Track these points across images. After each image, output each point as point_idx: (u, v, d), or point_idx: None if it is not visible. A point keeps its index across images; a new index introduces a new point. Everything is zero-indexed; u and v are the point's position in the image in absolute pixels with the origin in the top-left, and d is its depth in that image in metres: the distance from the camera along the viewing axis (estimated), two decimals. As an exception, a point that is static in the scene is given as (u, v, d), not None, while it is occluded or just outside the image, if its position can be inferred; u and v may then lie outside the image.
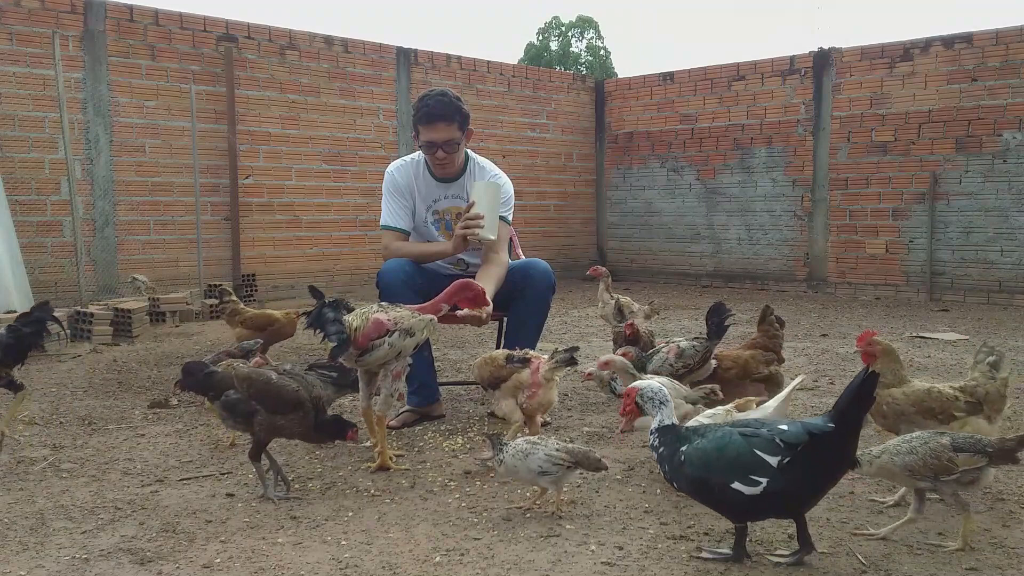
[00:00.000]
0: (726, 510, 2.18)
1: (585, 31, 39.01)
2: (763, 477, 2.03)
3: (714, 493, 2.11)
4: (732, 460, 2.07)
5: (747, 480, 2.04)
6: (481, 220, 3.54)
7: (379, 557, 2.26)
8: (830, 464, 2.07)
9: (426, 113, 3.71)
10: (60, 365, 5.17)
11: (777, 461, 2.03)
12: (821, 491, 2.14)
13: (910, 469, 2.22)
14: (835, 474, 2.10)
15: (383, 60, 9.49)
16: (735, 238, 10.48)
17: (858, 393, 2.02)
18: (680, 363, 3.17)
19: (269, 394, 2.66)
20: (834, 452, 2.05)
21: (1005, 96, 8.34)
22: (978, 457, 2.18)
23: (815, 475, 2.07)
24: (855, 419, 2.03)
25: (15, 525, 2.50)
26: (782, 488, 2.03)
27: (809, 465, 2.03)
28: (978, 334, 6.42)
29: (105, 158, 7.57)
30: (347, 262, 9.25)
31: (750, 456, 2.05)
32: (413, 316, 3.10)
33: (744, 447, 2.07)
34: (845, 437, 2.04)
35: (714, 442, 2.12)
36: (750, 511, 2.14)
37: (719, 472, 2.08)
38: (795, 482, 2.04)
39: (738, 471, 2.05)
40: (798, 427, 2.07)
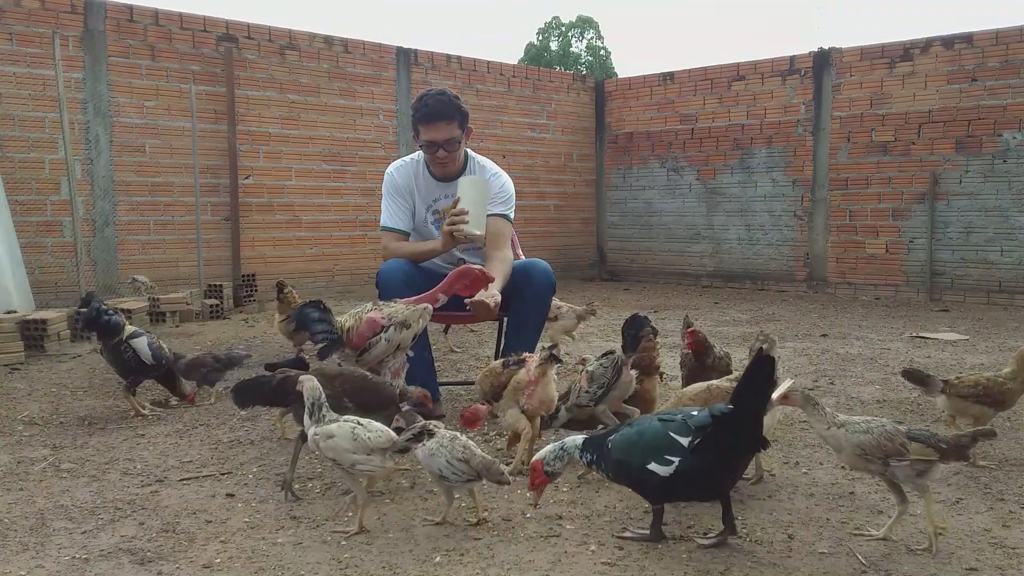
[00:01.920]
0: (645, 490, 2.31)
1: (585, 31, 39.03)
2: (675, 457, 2.18)
3: (633, 474, 2.26)
4: (649, 442, 2.24)
5: (661, 460, 2.19)
6: (466, 216, 3.49)
7: (379, 557, 2.26)
8: (736, 444, 2.21)
9: (426, 112, 3.71)
10: (60, 365, 5.17)
11: (688, 442, 2.18)
12: (731, 471, 2.28)
13: (862, 447, 2.26)
14: (742, 454, 2.26)
15: (383, 60, 9.49)
16: (735, 238, 10.48)
17: (752, 377, 2.15)
18: (595, 386, 2.96)
19: (367, 390, 2.68)
20: (738, 433, 2.18)
21: (1005, 96, 8.34)
22: (931, 451, 2.24)
23: (723, 455, 2.20)
24: (751, 401, 2.16)
25: (15, 525, 2.50)
26: (693, 467, 2.17)
27: (716, 445, 2.17)
28: (978, 334, 6.42)
29: (105, 158, 7.57)
30: (347, 262, 9.25)
31: (665, 438, 2.21)
32: (407, 308, 3.10)
33: (660, 430, 2.24)
34: (746, 418, 2.17)
35: (636, 428, 2.32)
36: (666, 491, 2.25)
37: (637, 454, 2.24)
38: (705, 462, 2.18)
39: (653, 452, 2.21)
40: (705, 411, 2.23)
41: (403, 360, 3.14)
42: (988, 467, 3.05)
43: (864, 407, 4.03)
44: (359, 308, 3.15)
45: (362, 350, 3.06)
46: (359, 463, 2.39)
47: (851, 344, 5.97)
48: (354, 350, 3.08)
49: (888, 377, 4.78)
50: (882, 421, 2.31)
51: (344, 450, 2.38)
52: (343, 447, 2.38)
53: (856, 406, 4.05)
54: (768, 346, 2.84)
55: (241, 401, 2.78)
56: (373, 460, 2.39)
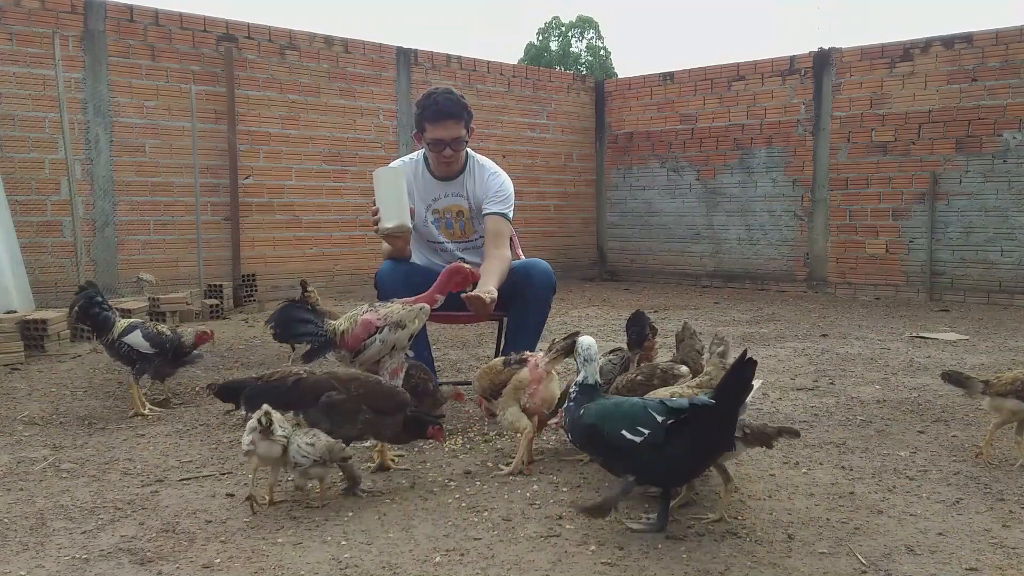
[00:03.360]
0: (613, 457, 2.38)
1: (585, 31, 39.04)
2: (647, 429, 2.26)
3: (604, 439, 2.34)
4: (625, 412, 2.33)
5: (634, 430, 2.28)
6: (377, 212, 3.52)
7: (379, 557, 2.26)
8: (706, 437, 2.28)
9: (436, 111, 3.71)
10: (60, 365, 5.17)
11: (663, 419, 2.26)
12: (694, 462, 2.35)
13: None
14: (710, 448, 2.32)
15: (383, 60, 9.49)
16: (735, 238, 10.48)
17: (735, 376, 2.22)
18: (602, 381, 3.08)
19: (381, 395, 2.71)
20: (711, 426, 2.25)
21: (1005, 96, 8.34)
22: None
23: (693, 441, 2.27)
24: (731, 399, 2.24)
25: (15, 525, 2.50)
26: (663, 443, 2.24)
27: (689, 430, 2.25)
28: (978, 334, 6.42)
29: (105, 158, 7.57)
30: (347, 262, 9.25)
31: (642, 411, 2.31)
32: (404, 308, 3.10)
33: (639, 404, 2.35)
34: (722, 414, 2.24)
35: (614, 400, 2.44)
36: (633, 461, 2.31)
37: (612, 421, 2.33)
38: (675, 442, 2.25)
39: (628, 421, 2.30)
40: (684, 400, 2.32)
41: (402, 360, 3.14)
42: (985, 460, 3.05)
43: (864, 407, 4.03)
44: (355, 310, 3.16)
45: (357, 351, 3.06)
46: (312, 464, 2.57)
47: (851, 344, 5.97)
48: (349, 351, 3.08)
49: (888, 377, 4.78)
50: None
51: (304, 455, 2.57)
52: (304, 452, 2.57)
53: (856, 406, 4.05)
54: (724, 348, 2.88)
55: (252, 405, 2.78)
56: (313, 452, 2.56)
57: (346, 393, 2.69)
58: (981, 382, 3.09)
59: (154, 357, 3.94)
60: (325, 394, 2.69)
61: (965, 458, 3.17)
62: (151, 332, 3.95)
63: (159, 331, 4.00)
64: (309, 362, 3.09)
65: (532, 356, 3.05)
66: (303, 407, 2.74)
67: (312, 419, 2.72)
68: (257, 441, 2.53)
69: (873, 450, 3.28)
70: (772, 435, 2.37)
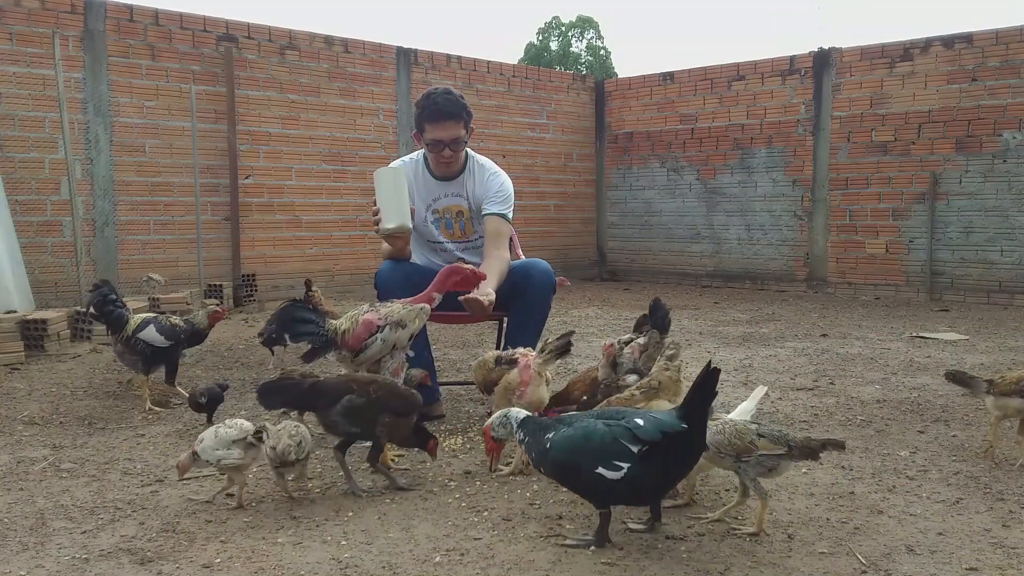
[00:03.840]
0: (590, 494, 2.30)
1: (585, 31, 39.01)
2: (625, 463, 2.18)
3: (580, 478, 2.25)
4: (597, 447, 2.22)
5: (611, 466, 2.19)
6: (378, 212, 3.51)
7: (379, 557, 2.26)
8: (680, 454, 2.24)
9: (435, 111, 3.71)
10: (60, 365, 5.17)
11: (638, 449, 2.18)
12: (672, 478, 2.31)
13: (716, 446, 2.34)
14: (685, 463, 2.28)
15: (383, 60, 9.49)
16: (735, 238, 10.48)
17: (701, 388, 2.18)
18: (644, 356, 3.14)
19: (397, 397, 2.74)
20: (684, 443, 2.21)
21: (1005, 96, 8.34)
22: (777, 446, 2.32)
23: (667, 463, 2.23)
24: (699, 412, 2.20)
25: (15, 525, 2.50)
26: (642, 474, 2.18)
27: (665, 454, 2.20)
28: (978, 334, 6.42)
29: (105, 158, 7.57)
30: (347, 262, 9.25)
31: (613, 443, 2.20)
32: (404, 308, 3.10)
33: (608, 435, 2.22)
34: (693, 431, 2.19)
35: (580, 430, 2.28)
36: (612, 495, 2.25)
37: (586, 457, 2.22)
38: (654, 469, 2.20)
39: (603, 457, 2.20)
40: (654, 426, 2.20)
41: (402, 359, 3.14)
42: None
43: (864, 407, 4.03)
44: (356, 310, 3.16)
45: (357, 351, 3.06)
46: (222, 458, 2.59)
47: (851, 344, 5.97)
48: (350, 351, 3.08)
49: (888, 377, 4.78)
50: (733, 421, 2.41)
51: (210, 448, 2.60)
52: (209, 446, 2.60)
53: (856, 406, 4.05)
54: (674, 352, 2.89)
55: (268, 403, 2.82)
56: (233, 453, 2.59)
57: (365, 397, 2.69)
58: (985, 381, 3.09)
59: (170, 350, 3.98)
60: (345, 397, 2.70)
61: (965, 458, 3.17)
62: (165, 325, 3.98)
63: (173, 323, 4.02)
64: (309, 362, 3.09)
65: (524, 356, 3.04)
66: (320, 408, 2.75)
67: (329, 420, 2.73)
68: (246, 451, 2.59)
69: (873, 450, 3.28)
70: (817, 448, 2.31)
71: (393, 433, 2.77)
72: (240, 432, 2.61)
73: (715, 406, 2.32)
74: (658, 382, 2.80)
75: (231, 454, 2.58)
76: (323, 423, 2.78)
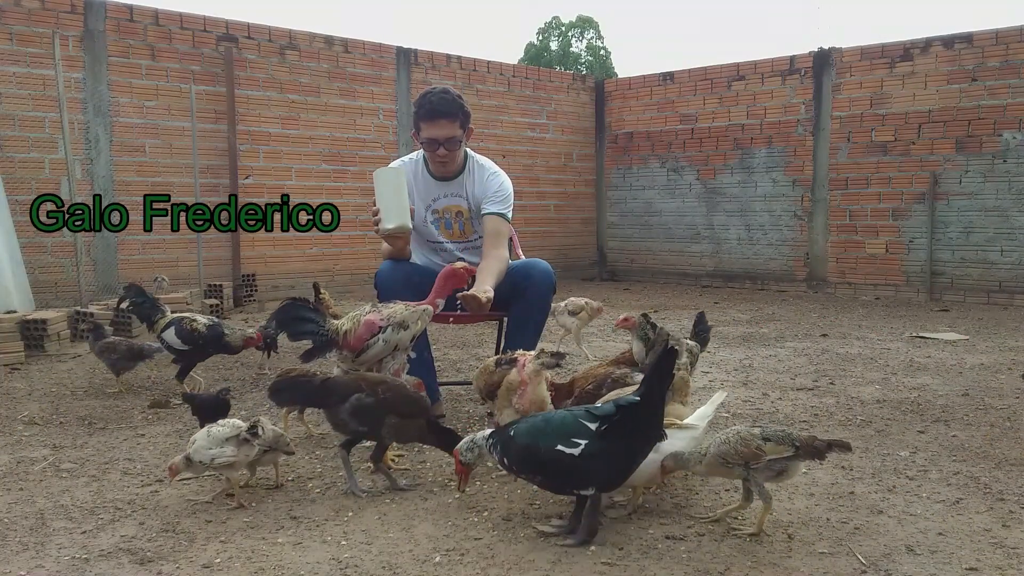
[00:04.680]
0: (551, 474, 2.33)
1: (585, 31, 39.01)
2: (583, 439, 2.25)
3: (540, 457, 2.30)
4: (556, 427, 2.30)
5: (570, 443, 2.26)
6: (378, 212, 3.51)
7: (379, 557, 2.26)
8: (639, 432, 2.29)
9: (429, 110, 3.71)
10: (60, 365, 5.17)
11: (596, 426, 2.26)
12: (632, 459, 2.32)
13: (723, 457, 2.35)
14: (644, 442, 2.32)
15: (383, 60, 9.49)
16: (735, 238, 10.48)
17: (658, 368, 2.26)
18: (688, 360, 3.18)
19: (405, 399, 2.74)
20: (641, 421, 2.27)
21: (1005, 96, 8.34)
22: (784, 448, 2.32)
23: (627, 441, 2.28)
24: (655, 390, 2.26)
25: (15, 525, 2.50)
26: (600, 450, 2.24)
27: (621, 432, 2.26)
28: (978, 334, 6.42)
29: (105, 158, 7.57)
30: (347, 262, 9.25)
31: (572, 422, 2.29)
32: (406, 309, 3.10)
33: (568, 416, 2.33)
34: (649, 408, 2.26)
35: (542, 417, 2.41)
36: (571, 475, 2.29)
37: (546, 437, 2.29)
38: (611, 447, 2.25)
39: (562, 435, 2.27)
40: (611, 403, 2.31)
41: (403, 360, 3.14)
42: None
43: (864, 407, 4.03)
44: (358, 311, 3.15)
45: (359, 351, 3.06)
46: (216, 456, 2.60)
47: (851, 344, 5.97)
48: (351, 351, 3.09)
49: (888, 377, 4.78)
50: (737, 428, 2.41)
51: (203, 448, 2.61)
52: (202, 446, 2.62)
53: (856, 406, 4.05)
54: (674, 342, 2.90)
55: (279, 400, 2.84)
56: (226, 451, 2.60)
57: (374, 397, 2.70)
58: None
59: (192, 353, 3.99)
60: (354, 396, 2.70)
61: (965, 458, 3.17)
62: (184, 329, 3.97)
63: (193, 327, 4.00)
64: (308, 361, 3.09)
65: (523, 356, 3.04)
66: (329, 406, 2.76)
67: (337, 419, 2.74)
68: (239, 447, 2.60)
69: (873, 450, 3.28)
70: (823, 449, 2.31)
71: (399, 434, 2.77)
72: (232, 429, 2.62)
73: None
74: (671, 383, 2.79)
75: (224, 452, 2.59)
76: (331, 421, 2.79)
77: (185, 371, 4.13)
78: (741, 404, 4.13)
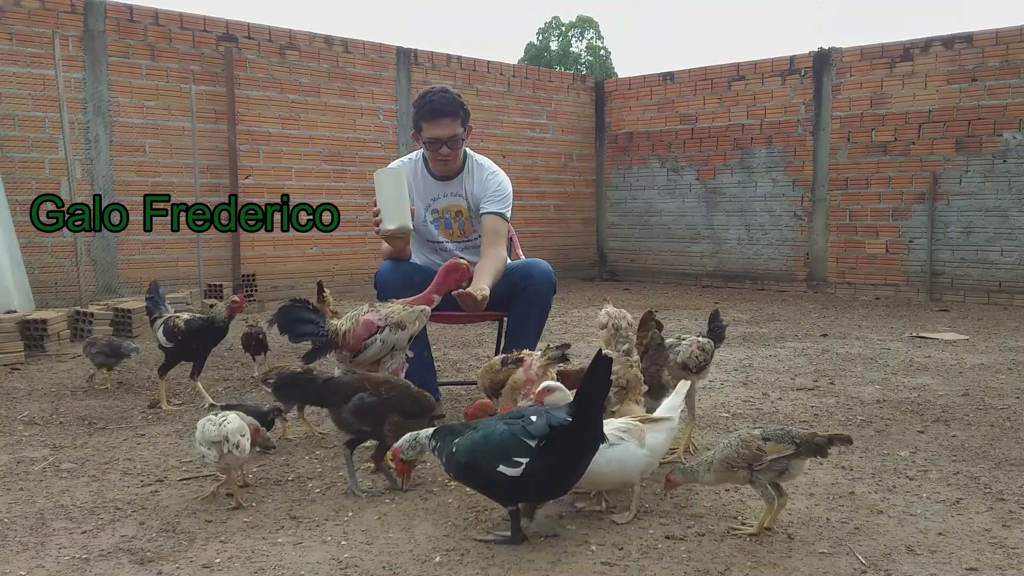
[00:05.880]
0: (495, 493, 2.33)
1: (585, 31, 39.00)
2: (523, 457, 2.22)
3: (483, 477, 2.28)
4: (496, 445, 2.25)
5: (511, 463, 2.22)
6: (378, 213, 3.52)
7: (379, 557, 2.26)
8: (579, 443, 2.27)
9: (431, 109, 3.71)
10: (60, 365, 5.17)
11: (535, 443, 2.22)
12: (575, 468, 2.30)
13: (728, 462, 2.35)
14: (585, 451, 2.30)
15: (383, 60, 9.49)
16: (735, 238, 10.48)
17: (593, 375, 2.22)
18: (702, 356, 3.21)
19: (409, 399, 2.75)
20: (580, 431, 2.24)
21: (1005, 96, 8.34)
22: (784, 446, 2.31)
23: (568, 451, 2.26)
24: (592, 399, 2.23)
25: (15, 525, 2.50)
26: (541, 467, 2.21)
27: (562, 443, 2.23)
28: (978, 334, 6.42)
29: (105, 158, 7.57)
30: (347, 262, 9.25)
31: (511, 440, 2.24)
32: (404, 309, 3.10)
33: (507, 433, 2.26)
34: (586, 415, 2.23)
35: (482, 432, 2.32)
36: (515, 492, 2.28)
37: (486, 457, 2.25)
38: (551, 460, 2.23)
39: (502, 454, 2.23)
40: (543, 420, 2.25)
41: (402, 360, 3.14)
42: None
43: (864, 407, 4.03)
44: (356, 311, 3.16)
45: (357, 351, 3.06)
46: (203, 455, 2.59)
47: (851, 344, 5.97)
48: (350, 352, 3.09)
49: (888, 377, 4.78)
50: (738, 432, 2.40)
51: (197, 442, 2.63)
52: (197, 439, 2.63)
53: (856, 406, 4.05)
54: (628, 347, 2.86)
55: (282, 396, 2.83)
56: (211, 453, 2.55)
57: (377, 396, 2.70)
58: None
59: (177, 350, 3.99)
60: (357, 395, 2.70)
61: (965, 458, 3.17)
62: (170, 325, 3.97)
63: (175, 324, 4.00)
64: (310, 362, 3.09)
65: (529, 355, 3.05)
66: (332, 405, 2.76)
67: (341, 418, 2.74)
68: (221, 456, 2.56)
69: (873, 450, 3.28)
70: (824, 444, 2.30)
71: (401, 434, 2.77)
72: (219, 434, 2.57)
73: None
74: (626, 380, 2.76)
75: (210, 454, 2.57)
76: (335, 420, 2.79)
77: (168, 367, 4.07)
78: (741, 404, 4.13)
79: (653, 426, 2.50)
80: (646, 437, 2.44)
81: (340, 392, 2.73)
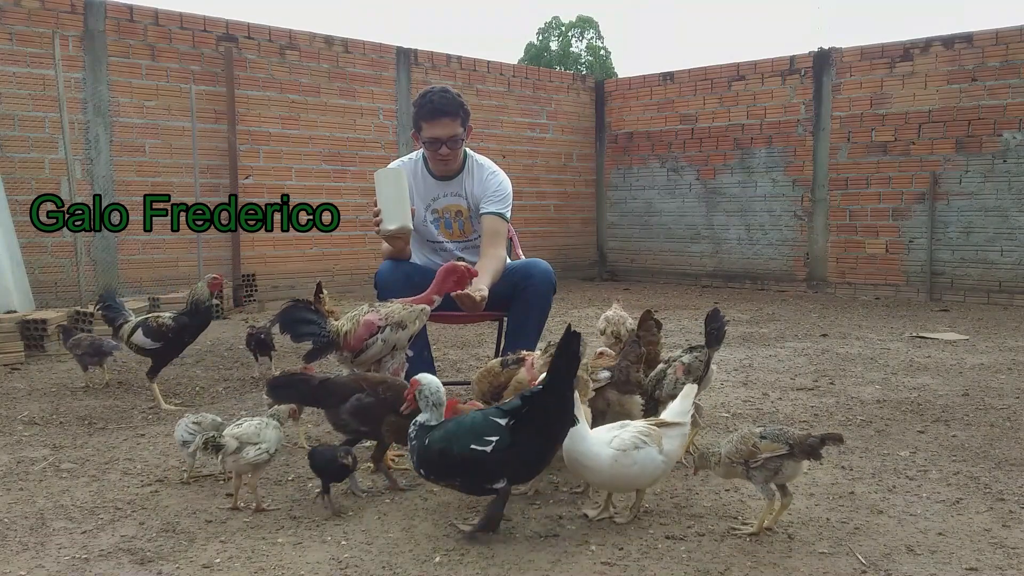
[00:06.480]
0: (468, 475, 2.34)
1: (585, 31, 38.99)
2: (494, 436, 2.29)
3: (455, 457, 2.31)
4: (468, 428, 2.33)
5: (481, 441, 2.29)
6: (379, 213, 3.51)
7: (379, 557, 2.26)
8: (549, 421, 2.33)
9: (431, 109, 3.71)
10: (60, 365, 5.17)
11: (506, 421, 2.30)
12: (546, 449, 2.36)
13: (729, 457, 2.38)
14: (556, 431, 2.35)
15: (383, 60, 9.49)
16: (735, 238, 10.48)
17: (563, 351, 2.29)
18: (691, 377, 3.08)
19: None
20: (550, 409, 2.31)
21: (1005, 96, 8.34)
22: (778, 445, 2.33)
23: (538, 431, 2.32)
24: (562, 375, 2.29)
25: (15, 525, 2.50)
26: (511, 445, 2.28)
27: (532, 423, 2.30)
28: (978, 334, 6.42)
29: (105, 158, 7.57)
30: (347, 262, 9.24)
31: (483, 421, 2.33)
32: (404, 308, 3.10)
33: (479, 416, 2.37)
34: (556, 392, 2.29)
35: (454, 421, 2.40)
36: (489, 472, 2.31)
37: (459, 439, 2.32)
38: (522, 439, 2.29)
39: (474, 435, 2.31)
40: (516, 396, 2.38)
41: (402, 360, 3.14)
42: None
43: (864, 407, 4.03)
44: (356, 311, 3.16)
45: (358, 351, 3.06)
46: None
47: (851, 344, 5.97)
48: (351, 352, 3.09)
49: (888, 377, 4.78)
50: (741, 429, 2.43)
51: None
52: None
53: (856, 406, 4.05)
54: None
55: (277, 396, 2.84)
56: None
57: (375, 396, 2.69)
58: None
59: (165, 351, 3.99)
60: (354, 396, 2.70)
61: (965, 458, 3.17)
62: (151, 327, 3.97)
63: (159, 323, 4.00)
64: (311, 362, 3.09)
65: (529, 355, 3.05)
66: (329, 406, 2.75)
67: (338, 419, 2.73)
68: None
69: (873, 450, 3.28)
70: (817, 445, 2.30)
71: (399, 434, 2.76)
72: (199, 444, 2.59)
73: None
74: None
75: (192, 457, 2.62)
76: (332, 421, 2.79)
77: (157, 368, 4.09)
78: (741, 404, 4.13)
79: (668, 431, 2.49)
80: (664, 443, 2.44)
81: (337, 393, 2.72)
